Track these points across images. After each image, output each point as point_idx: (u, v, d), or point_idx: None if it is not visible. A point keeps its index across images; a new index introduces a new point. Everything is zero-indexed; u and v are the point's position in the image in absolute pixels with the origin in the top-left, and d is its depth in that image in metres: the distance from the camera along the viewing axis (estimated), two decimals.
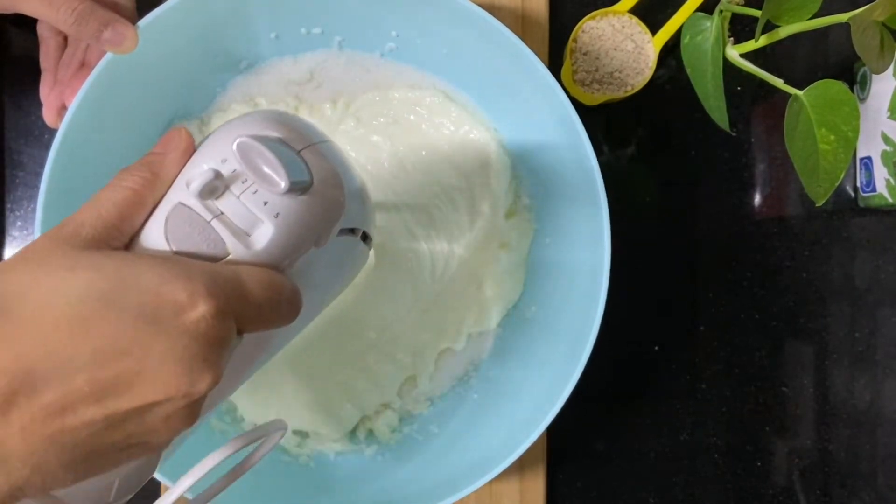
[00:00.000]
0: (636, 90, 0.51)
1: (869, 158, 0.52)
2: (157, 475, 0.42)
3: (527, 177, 0.49)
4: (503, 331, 0.50)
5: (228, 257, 0.28)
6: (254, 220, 0.29)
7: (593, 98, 0.51)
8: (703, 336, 0.54)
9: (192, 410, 0.26)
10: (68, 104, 0.42)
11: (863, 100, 0.52)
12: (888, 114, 0.49)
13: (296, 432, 0.49)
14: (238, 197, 0.29)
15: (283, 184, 0.28)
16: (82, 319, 0.24)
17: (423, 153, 0.49)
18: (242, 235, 0.29)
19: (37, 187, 0.42)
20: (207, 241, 0.28)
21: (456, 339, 0.50)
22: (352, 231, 0.35)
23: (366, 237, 0.37)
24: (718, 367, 0.54)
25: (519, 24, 0.51)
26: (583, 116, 0.42)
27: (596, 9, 0.51)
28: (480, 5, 0.42)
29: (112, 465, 0.26)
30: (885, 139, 0.50)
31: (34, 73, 0.53)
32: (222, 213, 0.29)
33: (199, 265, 0.27)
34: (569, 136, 0.43)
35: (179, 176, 0.30)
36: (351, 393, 0.49)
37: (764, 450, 0.54)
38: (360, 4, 0.45)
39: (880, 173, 0.51)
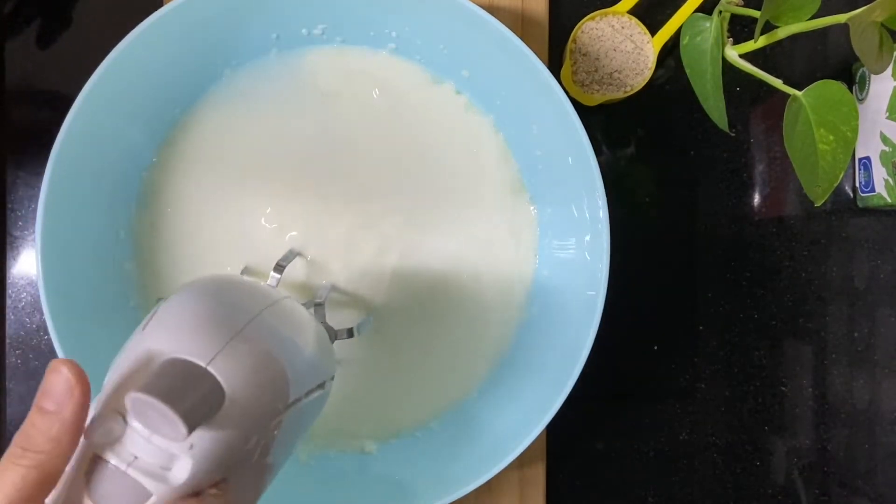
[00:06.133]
0: (635, 90, 0.51)
1: (868, 159, 0.52)
2: None
3: (526, 176, 0.50)
4: (503, 330, 0.50)
5: (152, 499, 0.28)
6: (170, 456, 0.28)
7: (593, 98, 0.51)
8: (703, 336, 0.54)
9: None
10: None
11: (861, 100, 0.52)
12: (887, 114, 0.49)
13: None
14: (149, 439, 0.28)
15: (175, 436, 0.27)
16: None
17: (421, 152, 0.49)
18: (161, 475, 0.28)
19: (38, 187, 0.42)
20: (128, 491, 0.27)
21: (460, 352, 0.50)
22: (299, 399, 0.33)
23: (322, 383, 0.35)
24: (718, 367, 0.54)
25: (519, 24, 0.51)
26: (582, 117, 0.42)
27: (595, 9, 0.51)
28: (480, 5, 0.42)
29: None
30: (884, 139, 0.50)
31: (35, 72, 0.54)
32: (136, 458, 0.28)
33: None
34: (568, 137, 0.43)
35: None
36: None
37: (763, 449, 0.54)
38: (360, 5, 0.45)
39: (879, 173, 0.51)
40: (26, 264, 0.54)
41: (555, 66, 0.52)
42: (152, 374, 0.28)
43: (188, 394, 0.27)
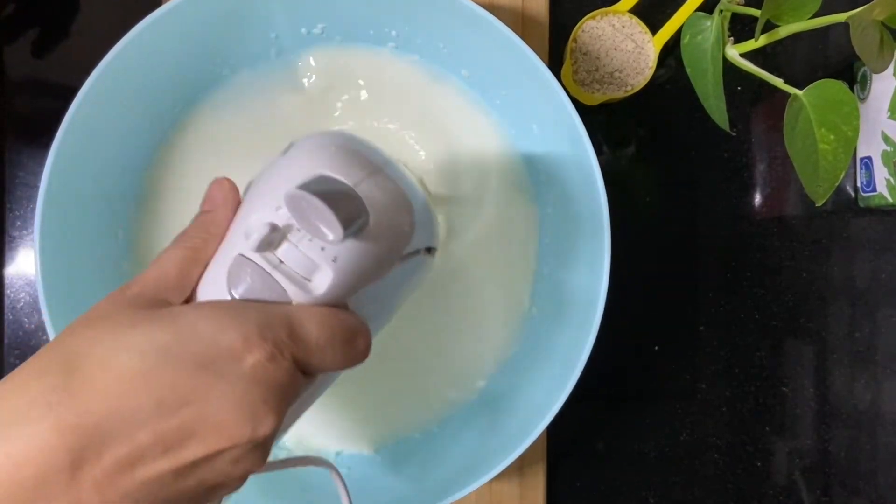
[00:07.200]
0: (636, 90, 0.51)
1: (869, 158, 0.52)
2: None
3: (526, 176, 0.49)
4: (503, 331, 0.50)
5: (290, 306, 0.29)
6: (313, 266, 0.29)
7: (593, 98, 0.51)
8: (703, 336, 0.54)
9: (261, 452, 0.27)
10: None
11: (863, 99, 0.52)
12: (888, 113, 0.49)
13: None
14: (296, 245, 0.29)
15: (333, 236, 0.28)
16: (143, 373, 0.25)
17: (420, 151, 0.49)
18: (302, 282, 0.29)
19: (36, 187, 0.42)
20: (269, 291, 0.29)
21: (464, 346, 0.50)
22: (416, 252, 0.34)
23: (430, 249, 0.36)
24: (718, 367, 0.54)
25: (519, 23, 0.51)
26: (583, 116, 0.42)
27: (596, 9, 0.51)
28: (480, 4, 0.42)
29: None
30: (885, 139, 0.50)
31: (34, 71, 0.54)
32: (281, 262, 0.29)
33: (254, 309, 0.27)
34: (569, 136, 0.43)
35: (238, 225, 0.31)
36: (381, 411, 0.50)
37: (764, 450, 0.54)
38: (360, 4, 0.45)
39: (880, 173, 0.51)
40: (25, 264, 0.53)
41: (555, 65, 0.52)
42: (305, 181, 0.29)
43: (340, 202, 0.28)
